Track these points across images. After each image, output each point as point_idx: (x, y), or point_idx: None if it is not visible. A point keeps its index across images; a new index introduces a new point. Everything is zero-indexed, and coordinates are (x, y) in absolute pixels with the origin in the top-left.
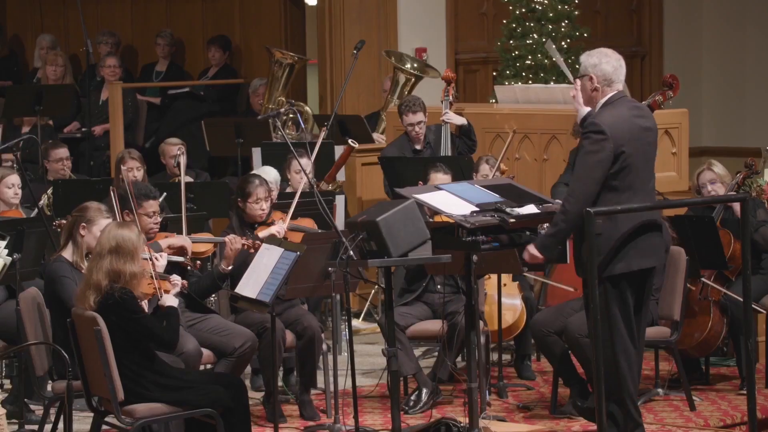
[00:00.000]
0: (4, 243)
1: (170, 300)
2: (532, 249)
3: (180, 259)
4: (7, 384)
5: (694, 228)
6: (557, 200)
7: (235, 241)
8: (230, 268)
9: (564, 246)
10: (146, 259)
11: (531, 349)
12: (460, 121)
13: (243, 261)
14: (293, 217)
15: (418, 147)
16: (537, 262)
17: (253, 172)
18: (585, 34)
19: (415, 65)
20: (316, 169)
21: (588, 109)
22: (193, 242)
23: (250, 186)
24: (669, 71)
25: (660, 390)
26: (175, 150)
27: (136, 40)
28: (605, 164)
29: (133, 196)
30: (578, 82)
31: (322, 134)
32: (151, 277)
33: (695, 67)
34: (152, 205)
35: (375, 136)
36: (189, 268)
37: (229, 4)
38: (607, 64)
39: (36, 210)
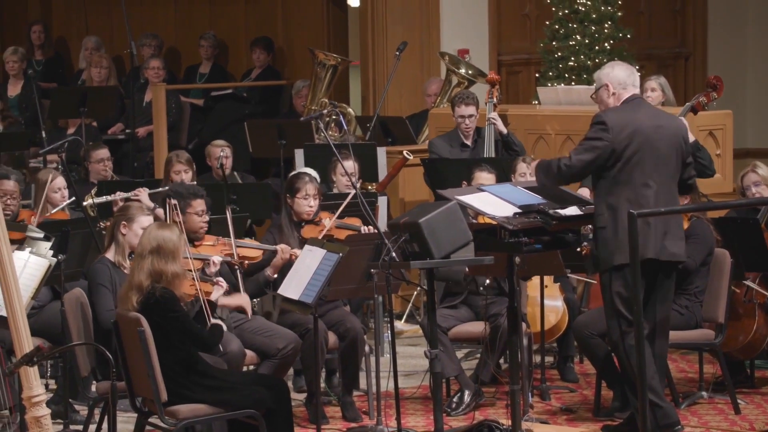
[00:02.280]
0: (49, 244)
1: (216, 321)
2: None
3: (228, 259)
4: (52, 384)
5: (738, 230)
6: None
7: (285, 251)
8: (276, 276)
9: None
10: (195, 258)
11: (574, 350)
12: (502, 128)
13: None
14: (341, 217)
15: (467, 142)
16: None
17: (292, 174)
18: (628, 35)
19: (470, 71)
20: (359, 171)
21: None
22: (239, 247)
23: (299, 182)
24: (713, 72)
25: (704, 393)
26: (218, 151)
27: (180, 41)
28: (599, 151)
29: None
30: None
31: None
32: (193, 278)
33: (739, 68)
34: (200, 204)
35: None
36: (236, 267)
37: (272, 5)
38: (620, 70)
39: (73, 200)
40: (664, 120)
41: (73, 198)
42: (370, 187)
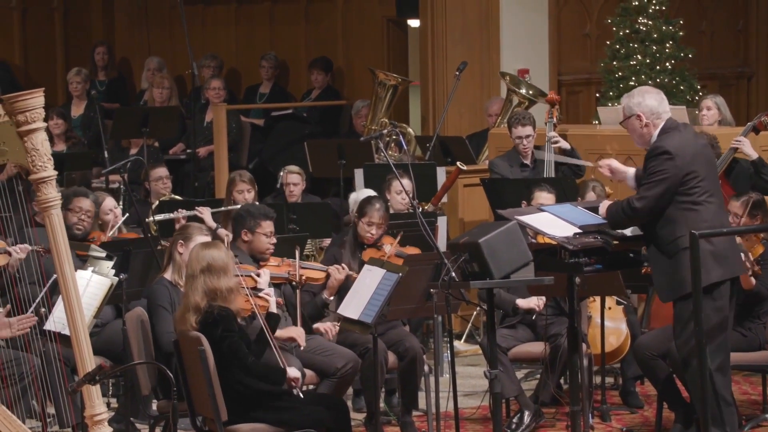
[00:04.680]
0: (111, 263)
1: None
2: (603, 207)
3: (284, 275)
4: (113, 403)
5: None
6: None
7: (339, 272)
8: (332, 298)
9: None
10: (245, 276)
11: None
12: (564, 144)
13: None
14: (402, 242)
15: (526, 161)
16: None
17: (352, 194)
18: (690, 55)
19: (530, 92)
20: (416, 190)
21: (633, 170)
22: (303, 269)
23: (369, 206)
24: None
25: None
26: (288, 178)
27: (240, 62)
28: (669, 182)
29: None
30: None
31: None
32: (247, 294)
33: None
34: (269, 225)
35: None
36: (294, 283)
37: (333, 26)
38: (650, 99)
39: (127, 217)
40: (706, 139)
41: (127, 215)
42: (427, 207)
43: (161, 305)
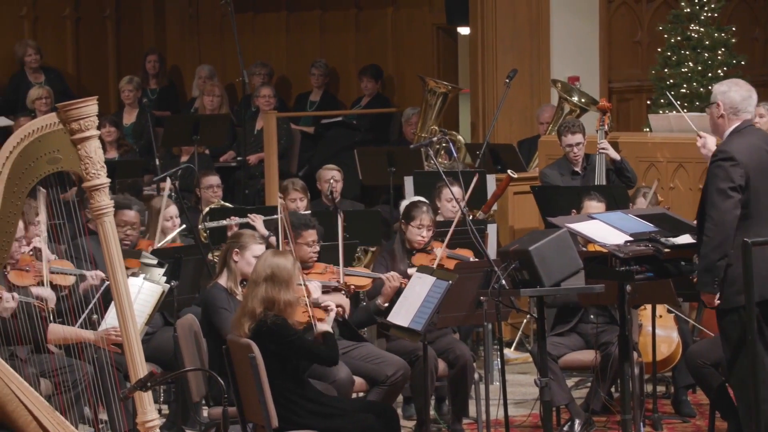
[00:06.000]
0: (162, 270)
1: (323, 327)
2: (703, 297)
3: (334, 284)
4: (164, 410)
5: None
6: None
7: (394, 279)
8: (387, 304)
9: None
10: (301, 285)
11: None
12: (615, 155)
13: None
14: (451, 246)
15: (576, 169)
16: (714, 303)
17: (403, 202)
18: (742, 62)
19: (583, 100)
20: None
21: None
22: (348, 275)
23: (416, 210)
24: None
25: None
26: (329, 176)
27: (291, 70)
28: (739, 190)
29: (290, 227)
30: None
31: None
32: (306, 305)
33: None
34: (311, 234)
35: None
36: (343, 292)
37: (383, 33)
38: (735, 93)
39: (184, 227)
40: None
41: (184, 226)
42: (477, 215)
43: (222, 307)
